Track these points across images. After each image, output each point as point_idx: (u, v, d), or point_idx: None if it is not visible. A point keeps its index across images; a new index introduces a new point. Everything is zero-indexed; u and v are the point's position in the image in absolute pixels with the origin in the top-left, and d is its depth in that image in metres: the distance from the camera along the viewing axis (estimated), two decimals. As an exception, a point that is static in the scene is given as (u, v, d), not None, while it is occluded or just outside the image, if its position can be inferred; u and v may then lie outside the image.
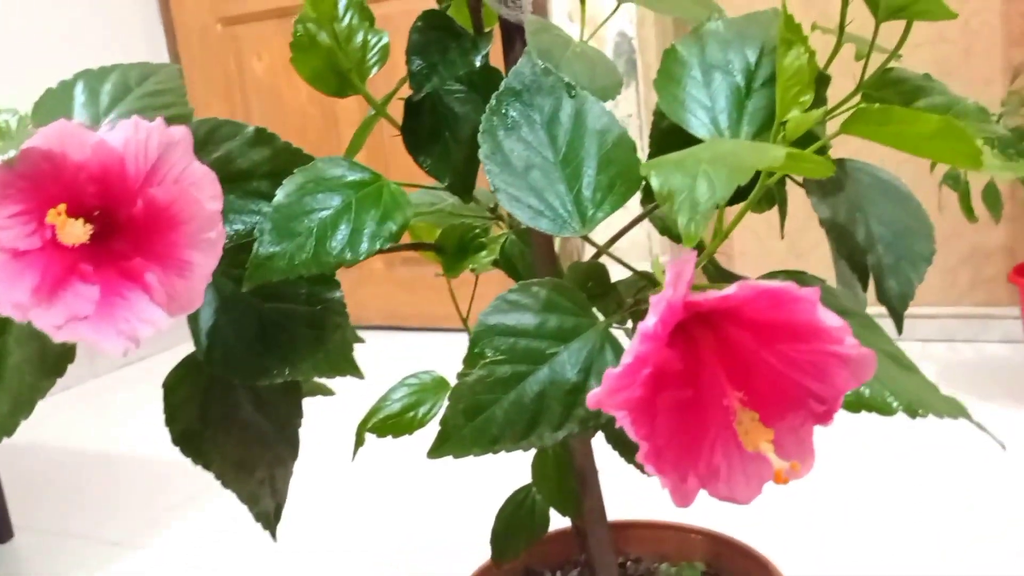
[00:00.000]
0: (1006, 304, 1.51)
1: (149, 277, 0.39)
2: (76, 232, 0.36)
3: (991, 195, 1.39)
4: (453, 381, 0.55)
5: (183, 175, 0.39)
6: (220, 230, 0.39)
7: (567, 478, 0.60)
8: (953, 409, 0.36)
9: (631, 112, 1.95)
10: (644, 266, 0.51)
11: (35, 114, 0.48)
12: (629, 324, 0.50)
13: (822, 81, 0.45)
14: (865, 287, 0.45)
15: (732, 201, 0.39)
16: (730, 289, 0.31)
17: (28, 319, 0.36)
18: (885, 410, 0.35)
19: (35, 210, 0.37)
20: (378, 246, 0.45)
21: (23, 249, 0.37)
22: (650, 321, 0.30)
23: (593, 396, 0.32)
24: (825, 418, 0.34)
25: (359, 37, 0.49)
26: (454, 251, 0.55)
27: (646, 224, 0.47)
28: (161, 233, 0.39)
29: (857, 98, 0.51)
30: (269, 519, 0.49)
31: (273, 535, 0.49)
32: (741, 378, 0.35)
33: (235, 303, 0.46)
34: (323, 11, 0.45)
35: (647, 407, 0.33)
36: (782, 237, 0.35)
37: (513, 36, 0.49)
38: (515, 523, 0.62)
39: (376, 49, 0.48)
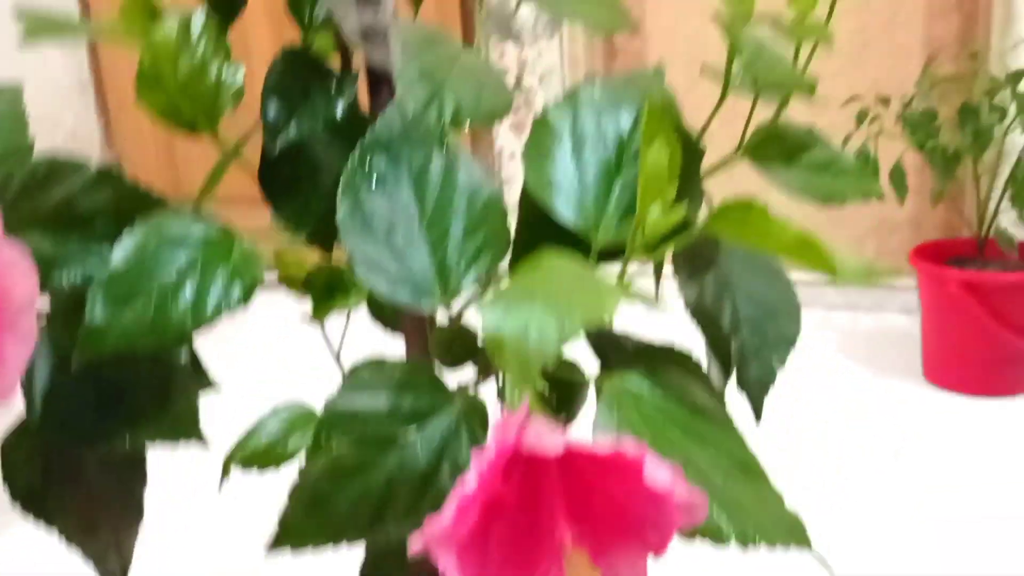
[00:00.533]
0: (908, 274, 1.55)
1: (-44, 364, 0.36)
2: None
3: (898, 176, 1.40)
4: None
5: (-7, 259, 0.35)
6: (33, 320, 0.36)
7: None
8: (792, 535, 0.35)
9: (555, 63, 1.92)
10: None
11: None
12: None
13: (694, 156, 0.43)
14: (728, 373, 0.44)
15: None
16: (556, 445, 0.29)
17: None
18: (718, 538, 0.34)
19: None
20: (224, 312, 0.42)
21: None
22: (471, 483, 0.29)
23: (415, 546, 0.30)
24: (659, 549, 0.34)
25: (212, 72, 0.45)
26: (322, 292, 0.52)
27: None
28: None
29: (739, 154, 0.50)
30: (115, 579, 0.47)
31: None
32: (579, 504, 0.34)
33: (69, 363, 0.43)
34: (164, 46, 0.42)
35: (476, 547, 0.32)
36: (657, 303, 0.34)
37: (380, 80, 0.45)
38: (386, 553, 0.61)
39: (231, 87, 0.45)
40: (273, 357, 1.66)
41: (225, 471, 0.59)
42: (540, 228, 0.42)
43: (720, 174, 0.50)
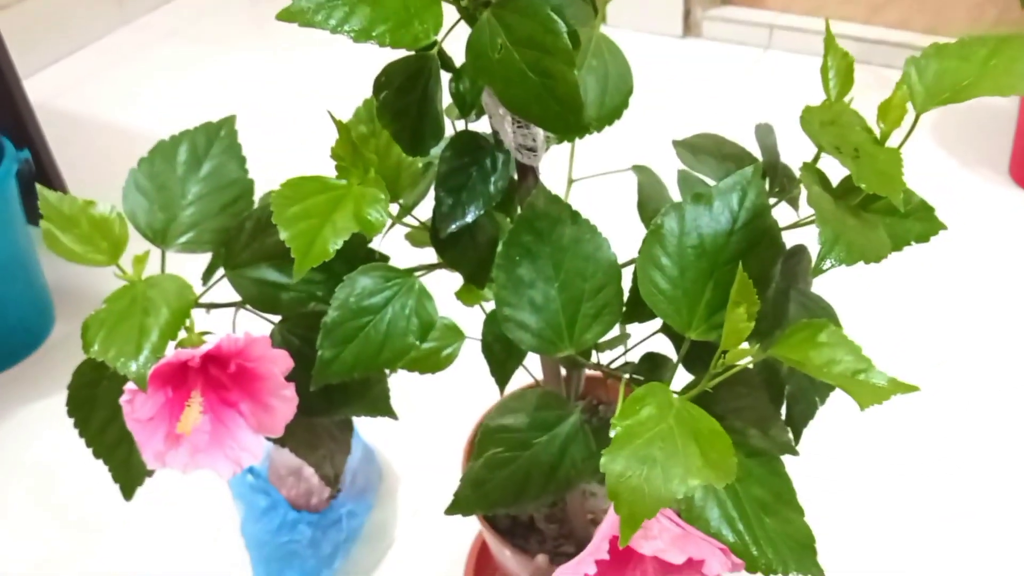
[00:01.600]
0: None
1: (243, 407, 0.53)
2: (194, 419, 0.50)
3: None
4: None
5: (264, 355, 0.51)
6: (293, 391, 0.52)
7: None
8: (802, 563, 0.52)
9: None
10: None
11: (125, 202, 0.58)
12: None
13: (776, 252, 0.54)
14: (778, 410, 0.58)
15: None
16: (647, 550, 0.46)
17: (166, 465, 0.51)
18: (751, 568, 0.51)
19: (160, 387, 0.50)
20: (415, 344, 0.57)
21: (152, 415, 0.51)
22: (591, 569, 0.46)
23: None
24: None
25: (395, 154, 0.56)
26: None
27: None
28: (250, 383, 0.53)
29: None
30: (330, 481, 0.68)
31: (333, 491, 0.68)
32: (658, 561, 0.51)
33: (302, 357, 0.60)
34: (357, 174, 0.53)
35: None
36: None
37: (526, 167, 0.56)
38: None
39: (410, 171, 0.56)
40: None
41: (392, 370, 0.77)
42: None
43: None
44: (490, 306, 0.72)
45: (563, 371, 0.67)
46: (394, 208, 0.60)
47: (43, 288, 1.40)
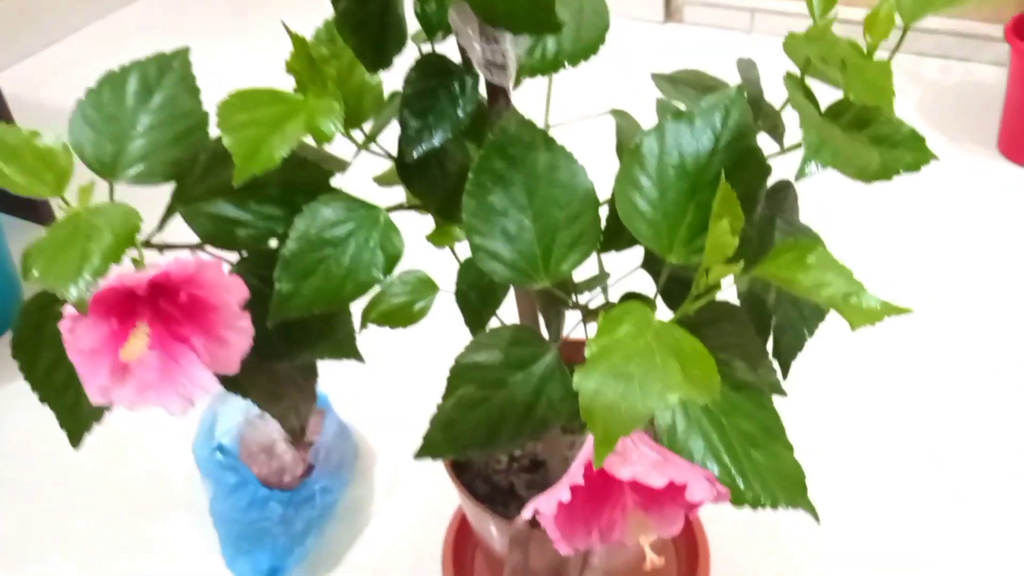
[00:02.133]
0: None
1: (196, 341, 0.50)
2: (139, 348, 0.47)
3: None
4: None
5: (216, 282, 0.48)
6: (248, 322, 0.49)
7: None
8: (792, 496, 0.49)
9: None
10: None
11: (71, 133, 0.55)
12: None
13: (762, 173, 0.52)
14: (765, 342, 0.55)
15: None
16: (626, 474, 0.43)
17: (111, 401, 0.48)
18: (737, 502, 0.48)
19: (101, 314, 0.47)
20: (376, 278, 0.54)
21: (96, 346, 0.47)
22: (565, 496, 0.43)
23: (527, 514, 0.45)
24: (693, 510, 0.48)
25: (356, 77, 0.53)
26: (441, 227, 0.63)
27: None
28: (203, 314, 0.49)
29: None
30: (295, 434, 0.64)
31: (296, 445, 0.65)
32: (640, 488, 0.48)
33: (260, 298, 0.56)
34: (313, 96, 0.49)
35: (566, 511, 0.47)
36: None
37: (496, 89, 0.53)
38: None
39: (373, 94, 0.53)
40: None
41: (363, 324, 0.74)
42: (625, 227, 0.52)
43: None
44: (465, 254, 0.70)
45: (541, 319, 0.64)
46: (361, 143, 0.57)
47: (11, 273, 1.37)
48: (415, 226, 0.62)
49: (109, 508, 1.08)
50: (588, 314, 0.58)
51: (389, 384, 1.17)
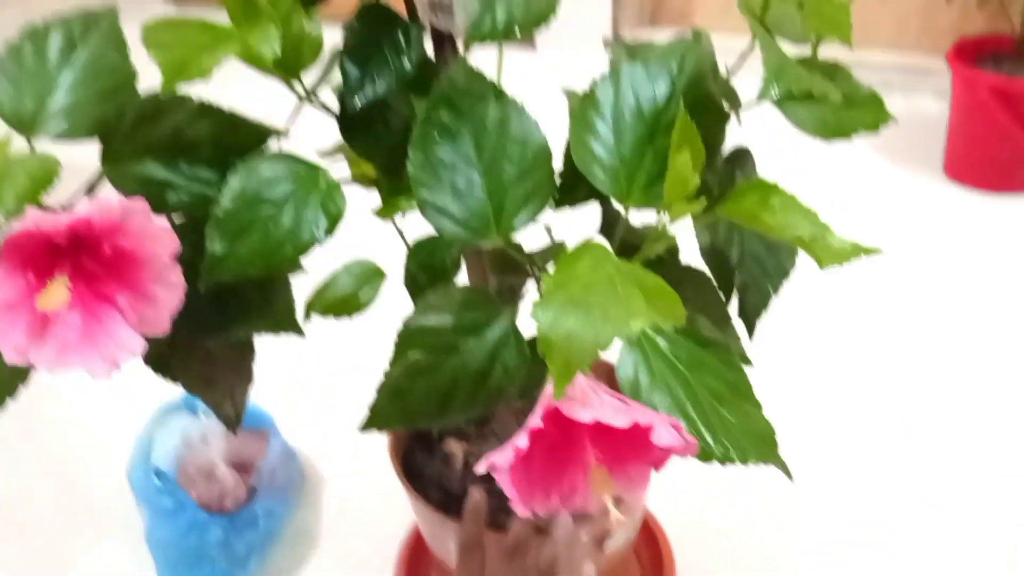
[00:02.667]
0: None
1: (121, 300, 0.46)
2: (59, 298, 0.43)
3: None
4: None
5: (143, 231, 0.44)
6: (179, 274, 0.45)
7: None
8: (763, 453, 0.46)
9: None
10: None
11: (-14, 85, 0.51)
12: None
13: (720, 119, 0.50)
14: (729, 300, 0.53)
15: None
16: (587, 418, 0.40)
17: (29, 361, 0.44)
18: (705, 458, 0.45)
19: (16, 266, 0.43)
20: (318, 239, 0.51)
21: (12, 300, 0.43)
22: (522, 442, 0.40)
23: (480, 468, 0.41)
24: (659, 465, 0.45)
25: (294, 27, 0.50)
26: (389, 188, 0.61)
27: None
28: (128, 269, 0.45)
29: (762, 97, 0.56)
30: (231, 420, 0.60)
31: (234, 432, 0.60)
32: (601, 440, 0.44)
33: (191, 268, 0.52)
34: (248, 28, 0.47)
35: (523, 461, 0.43)
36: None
37: (443, 37, 0.51)
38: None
39: (312, 42, 0.50)
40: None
41: (307, 315, 0.70)
42: (582, 176, 0.50)
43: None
44: (414, 235, 0.67)
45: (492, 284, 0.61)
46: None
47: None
48: (362, 211, 0.59)
49: (37, 536, 1.01)
50: (542, 269, 0.55)
51: (337, 409, 1.12)
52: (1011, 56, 1.48)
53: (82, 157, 0.53)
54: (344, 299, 0.69)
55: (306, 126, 0.56)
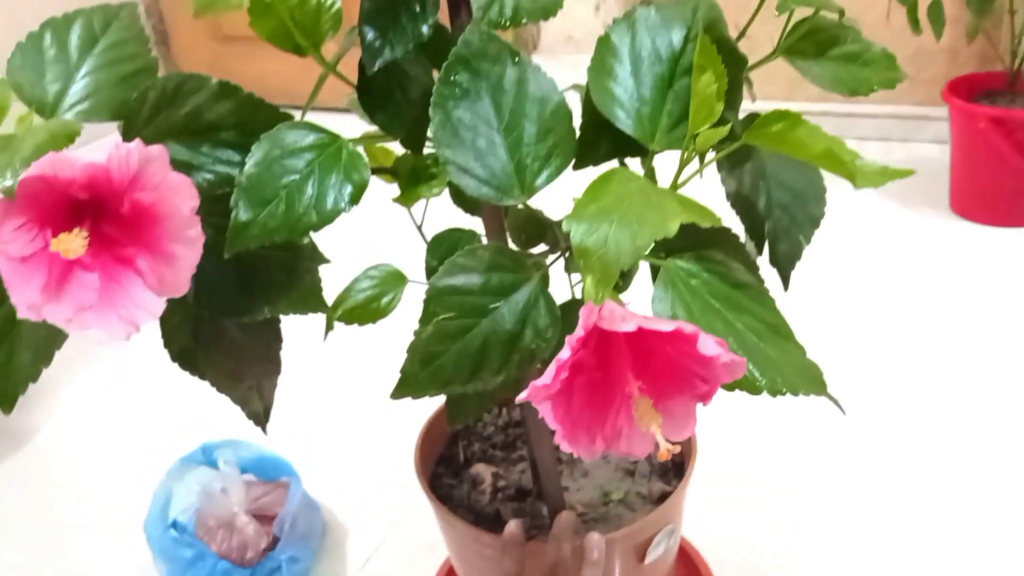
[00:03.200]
0: (942, 105, 1.58)
1: (140, 263, 0.45)
2: (76, 246, 0.42)
3: (935, 12, 1.41)
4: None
5: (162, 182, 0.44)
6: (199, 230, 0.45)
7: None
8: (812, 384, 0.44)
9: None
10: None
11: (10, 73, 0.51)
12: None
13: (738, 64, 0.50)
14: (761, 250, 0.52)
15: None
16: (630, 326, 0.38)
17: (43, 317, 0.43)
18: (753, 389, 0.44)
19: (35, 220, 0.42)
20: (342, 207, 0.50)
21: (28, 254, 0.42)
22: (564, 354, 0.38)
23: (522, 396, 0.40)
24: (706, 398, 0.43)
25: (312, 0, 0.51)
26: (408, 178, 0.60)
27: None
28: (147, 228, 0.45)
29: (777, 53, 0.56)
30: (259, 417, 0.58)
31: (263, 430, 0.59)
32: (643, 362, 0.43)
33: (216, 249, 0.52)
34: None
35: (564, 396, 0.41)
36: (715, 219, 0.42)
37: (459, 4, 0.52)
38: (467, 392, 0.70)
39: (330, 13, 0.51)
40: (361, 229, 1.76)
41: (329, 325, 0.69)
42: (602, 131, 0.49)
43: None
44: (433, 231, 0.66)
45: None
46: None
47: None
48: (382, 211, 0.58)
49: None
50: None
51: (358, 457, 1.10)
52: (1004, 91, 1.51)
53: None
54: (366, 304, 0.68)
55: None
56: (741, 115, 0.51)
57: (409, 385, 0.50)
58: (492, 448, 0.84)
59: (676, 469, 0.80)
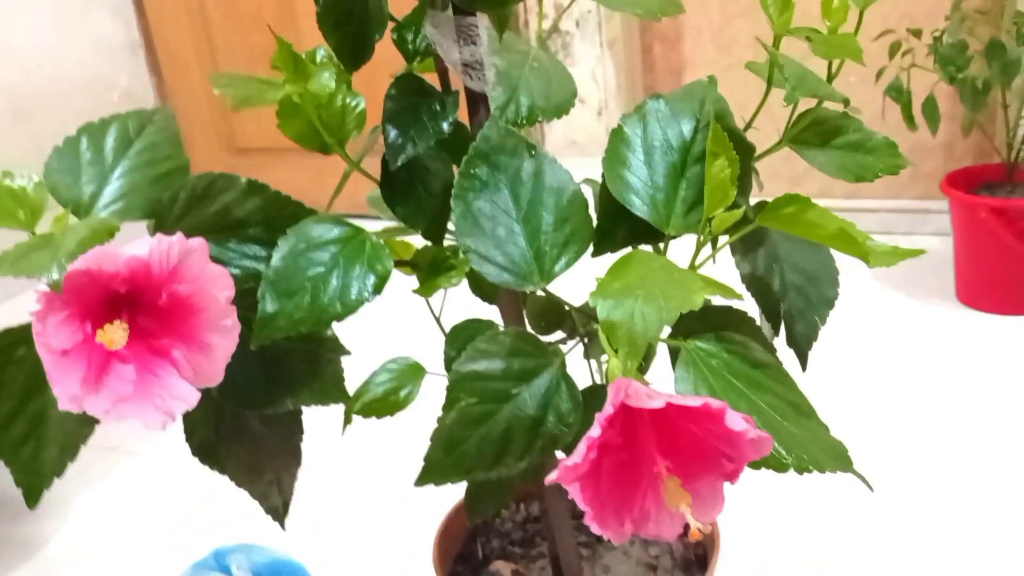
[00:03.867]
0: (941, 198, 1.62)
1: (176, 353, 0.46)
2: (119, 337, 0.43)
3: (930, 108, 1.46)
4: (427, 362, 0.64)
5: (201, 274, 0.45)
6: (235, 319, 0.46)
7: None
8: (838, 462, 0.45)
9: (591, 7, 1.97)
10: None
11: (47, 176, 0.54)
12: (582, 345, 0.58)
13: (747, 151, 0.52)
14: (777, 332, 0.53)
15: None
16: (658, 402, 0.39)
17: (83, 409, 0.43)
18: (780, 468, 0.44)
19: (76, 313, 0.44)
20: (366, 297, 0.52)
21: (70, 347, 0.43)
22: (594, 432, 0.39)
23: (552, 477, 0.40)
24: (733, 476, 0.43)
25: (338, 101, 0.54)
26: (427, 270, 0.62)
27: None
28: (184, 319, 0.46)
29: (783, 143, 0.58)
30: (278, 513, 0.58)
31: (282, 526, 0.58)
32: (669, 441, 0.43)
33: (241, 342, 0.53)
34: (300, 81, 0.50)
35: (593, 477, 0.42)
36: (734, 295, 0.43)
37: (477, 100, 0.54)
38: (486, 486, 0.71)
39: (354, 113, 0.54)
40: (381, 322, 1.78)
41: (347, 419, 0.69)
42: (619, 218, 0.51)
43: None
44: (452, 322, 0.67)
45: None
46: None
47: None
48: (400, 303, 0.59)
49: None
50: (588, 322, 0.55)
51: (376, 559, 1.08)
52: (1003, 183, 1.54)
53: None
54: (384, 398, 0.69)
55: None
56: (751, 202, 0.53)
57: (433, 472, 0.50)
58: (511, 544, 0.84)
59: (699, 562, 0.79)
